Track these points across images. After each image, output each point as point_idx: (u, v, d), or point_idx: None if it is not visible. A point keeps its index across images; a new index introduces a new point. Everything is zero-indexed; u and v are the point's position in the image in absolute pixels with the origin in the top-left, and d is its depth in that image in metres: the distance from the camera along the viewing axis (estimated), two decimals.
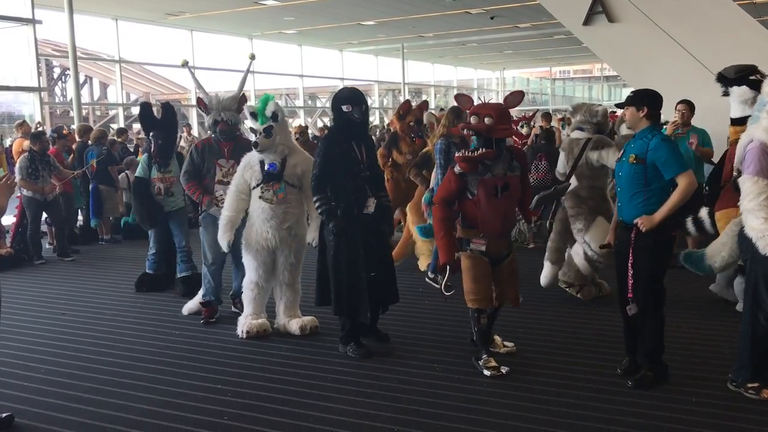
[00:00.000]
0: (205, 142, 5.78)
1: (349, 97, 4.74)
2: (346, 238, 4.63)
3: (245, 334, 5.21)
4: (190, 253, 6.66)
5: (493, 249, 4.37)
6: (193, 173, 5.63)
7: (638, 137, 4.04)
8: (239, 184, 5.17)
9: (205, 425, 3.79)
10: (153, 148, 6.49)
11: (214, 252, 5.65)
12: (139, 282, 6.84)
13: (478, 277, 4.35)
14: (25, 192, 8.35)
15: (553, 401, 3.95)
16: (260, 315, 5.33)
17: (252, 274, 5.28)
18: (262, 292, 5.34)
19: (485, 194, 4.22)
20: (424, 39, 23.25)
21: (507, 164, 4.31)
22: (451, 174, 4.33)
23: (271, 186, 5.09)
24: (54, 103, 25.10)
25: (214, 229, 5.41)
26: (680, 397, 3.95)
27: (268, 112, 5.07)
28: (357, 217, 4.67)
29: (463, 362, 4.57)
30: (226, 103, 5.63)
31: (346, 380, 4.37)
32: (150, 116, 6.61)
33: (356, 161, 4.72)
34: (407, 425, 3.72)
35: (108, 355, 4.96)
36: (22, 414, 3.97)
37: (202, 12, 16.80)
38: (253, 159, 5.16)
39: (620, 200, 4.14)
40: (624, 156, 4.07)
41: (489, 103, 4.41)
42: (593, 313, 5.61)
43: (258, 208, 5.13)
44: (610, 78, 37.19)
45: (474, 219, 4.31)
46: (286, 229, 5.15)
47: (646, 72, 9.25)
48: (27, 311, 6.20)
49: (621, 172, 4.10)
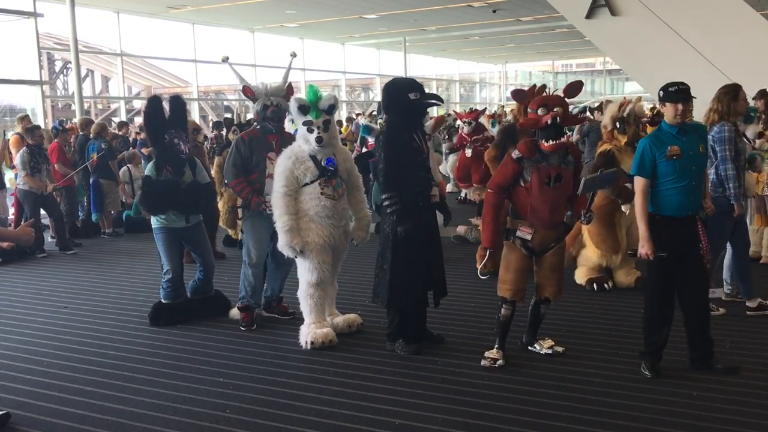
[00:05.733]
0: (251, 134, 5.33)
1: (413, 84, 4.68)
2: (410, 232, 4.56)
3: (309, 345, 4.81)
4: (213, 275, 5.88)
5: (538, 240, 4.38)
6: (241, 167, 5.21)
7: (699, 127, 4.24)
8: (290, 183, 4.77)
9: (208, 418, 3.80)
10: (158, 153, 5.52)
11: (258, 251, 5.32)
12: (154, 314, 5.55)
13: (513, 269, 4.39)
14: (21, 186, 8.34)
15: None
16: (324, 323, 4.96)
17: (312, 277, 4.86)
18: (324, 296, 4.96)
19: (538, 182, 4.26)
20: (426, 32, 23.16)
21: (562, 157, 4.35)
22: (509, 159, 4.37)
23: (329, 182, 4.83)
24: (56, 97, 25.06)
25: (260, 227, 5.23)
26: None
27: (325, 105, 4.82)
28: (422, 208, 4.65)
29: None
30: (274, 90, 5.30)
31: (359, 375, 4.38)
32: (161, 114, 5.51)
33: (420, 151, 4.70)
34: (413, 420, 3.73)
35: (111, 348, 4.97)
36: (25, 407, 3.99)
37: (204, 5, 16.74)
38: (301, 154, 4.82)
39: (692, 194, 4.11)
40: (690, 149, 4.07)
41: (553, 95, 4.44)
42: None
43: (317, 205, 4.79)
44: (613, 71, 37.06)
45: (524, 207, 4.35)
46: (344, 225, 4.95)
47: (648, 65, 9.24)
48: (29, 304, 6.21)
49: (695, 166, 4.11)
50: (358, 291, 6.06)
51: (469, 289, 6.18)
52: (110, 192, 9.71)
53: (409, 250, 4.59)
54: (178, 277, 5.63)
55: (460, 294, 6.04)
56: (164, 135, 5.42)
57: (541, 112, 4.25)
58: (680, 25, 9.12)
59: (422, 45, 26.89)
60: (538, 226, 4.33)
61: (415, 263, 4.63)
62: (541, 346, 4.64)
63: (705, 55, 8.84)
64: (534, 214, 4.32)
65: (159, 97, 5.73)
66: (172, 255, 5.58)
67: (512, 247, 4.41)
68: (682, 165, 4.03)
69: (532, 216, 4.32)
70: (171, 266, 5.57)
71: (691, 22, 9.13)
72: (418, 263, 4.64)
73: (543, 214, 4.31)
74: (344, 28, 21.69)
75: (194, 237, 5.69)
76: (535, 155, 4.28)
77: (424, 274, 4.68)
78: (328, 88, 25.87)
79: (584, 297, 5.84)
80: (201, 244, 5.76)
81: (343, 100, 26.32)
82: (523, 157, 4.29)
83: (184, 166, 5.54)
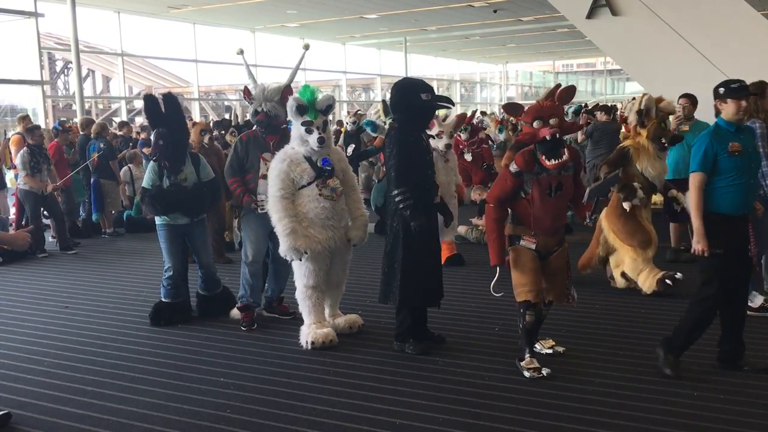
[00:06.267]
0: (250, 134, 5.37)
1: (425, 85, 4.68)
2: (424, 227, 4.55)
3: (310, 345, 4.80)
4: (214, 272, 5.88)
5: (542, 244, 4.30)
6: (237, 168, 5.27)
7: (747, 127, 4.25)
8: (286, 186, 4.73)
9: (209, 418, 3.79)
10: (156, 150, 5.50)
11: (255, 249, 5.34)
12: (155, 314, 5.55)
13: (526, 269, 4.26)
14: (21, 186, 8.35)
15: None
16: (324, 323, 4.96)
17: (309, 279, 4.87)
18: (322, 297, 4.97)
19: (540, 193, 4.17)
20: (427, 32, 23.16)
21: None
22: (507, 172, 4.27)
23: (326, 183, 4.81)
24: (56, 97, 25.08)
25: (257, 225, 5.25)
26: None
27: (322, 105, 4.80)
28: (429, 207, 4.66)
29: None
30: (268, 94, 5.20)
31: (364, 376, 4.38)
32: (157, 111, 5.53)
33: (427, 151, 4.72)
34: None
35: (111, 348, 4.97)
36: (26, 407, 3.99)
37: (205, 5, 16.75)
38: (296, 156, 4.79)
39: (749, 192, 4.10)
40: (748, 146, 4.07)
41: (546, 104, 4.20)
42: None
43: (316, 207, 4.75)
44: (614, 72, 37.07)
45: (526, 217, 4.26)
46: (344, 226, 4.91)
47: (649, 65, 9.24)
48: (30, 304, 6.22)
49: (753, 163, 4.11)
50: (357, 291, 6.05)
51: (469, 289, 6.18)
52: (111, 192, 9.71)
53: (421, 248, 4.59)
54: (178, 275, 5.62)
55: (461, 294, 6.04)
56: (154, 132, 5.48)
57: (537, 125, 4.11)
58: (681, 25, 9.12)
59: (423, 45, 26.90)
60: (541, 234, 4.27)
61: (427, 261, 4.63)
62: (542, 346, 4.62)
63: (706, 55, 8.83)
64: (537, 224, 4.25)
65: (152, 95, 5.69)
66: (173, 252, 5.57)
67: (520, 249, 4.30)
68: (742, 162, 4.00)
69: (535, 226, 4.25)
70: (172, 263, 5.57)
71: (691, 22, 9.12)
72: (430, 261, 4.65)
73: (546, 223, 4.25)
74: (345, 28, 21.70)
75: (195, 234, 5.69)
76: (534, 168, 4.16)
77: (436, 272, 4.69)
78: (328, 88, 25.91)
79: (585, 297, 5.83)
80: (199, 242, 5.74)
81: (344, 100, 26.32)
82: (522, 171, 4.21)
83: (182, 163, 5.53)
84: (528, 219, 4.26)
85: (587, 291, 6.03)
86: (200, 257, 5.77)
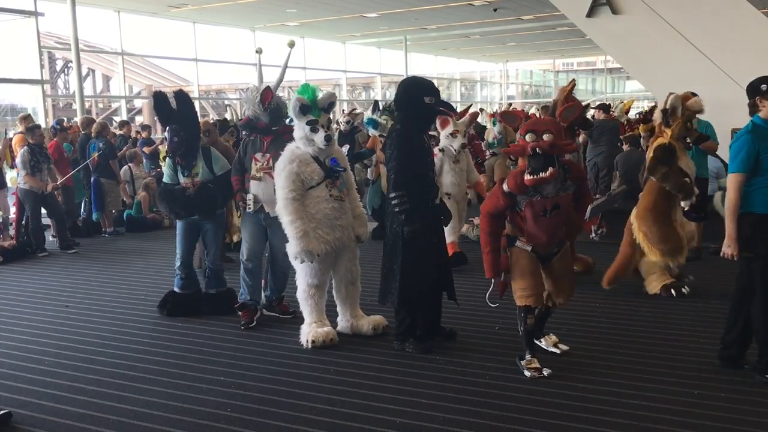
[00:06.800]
0: (252, 135, 5.40)
1: (429, 87, 4.64)
2: (419, 231, 4.54)
3: (310, 344, 4.77)
4: (221, 270, 5.93)
5: (541, 249, 4.20)
6: (239, 167, 5.40)
7: None
8: (297, 188, 4.66)
9: (210, 417, 3.80)
10: (170, 147, 5.61)
11: (251, 246, 5.37)
12: (162, 301, 5.81)
13: (526, 273, 4.15)
14: (21, 185, 8.35)
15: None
16: (324, 322, 4.94)
17: (311, 278, 4.85)
18: (324, 296, 4.97)
19: (532, 214, 4.05)
20: (427, 31, 23.13)
21: (560, 183, 4.05)
22: (499, 190, 4.10)
23: (335, 182, 4.78)
24: (57, 96, 25.08)
25: (252, 223, 5.29)
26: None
27: (324, 103, 4.77)
28: (430, 209, 4.65)
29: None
30: (247, 97, 5.31)
31: (363, 375, 4.38)
32: (166, 108, 5.57)
33: (429, 153, 4.71)
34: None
35: (111, 347, 4.97)
36: (27, 406, 3.99)
37: (205, 4, 16.73)
38: (304, 156, 4.73)
39: None
40: None
41: (545, 119, 4.11)
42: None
43: (326, 208, 4.71)
44: (614, 70, 37.02)
45: (521, 229, 4.17)
46: (349, 224, 4.89)
47: (649, 64, 9.23)
48: (30, 303, 6.22)
49: None
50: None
51: (470, 289, 6.18)
52: (111, 191, 9.72)
53: (420, 250, 4.58)
54: (187, 265, 5.78)
55: (462, 293, 6.01)
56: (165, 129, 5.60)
57: (529, 138, 3.95)
58: (682, 23, 9.11)
59: (423, 44, 26.87)
60: (537, 247, 4.18)
61: (427, 263, 4.62)
62: (546, 343, 4.61)
63: (706, 53, 8.82)
64: (531, 239, 4.15)
65: (161, 92, 5.68)
66: (182, 242, 5.77)
67: (518, 251, 4.21)
68: None
69: (530, 240, 4.16)
70: (180, 253, 5.76)
71: (692, 21, 9.11)
72: (429, 263, 4.64)
73: (541, 240, 4.14)
74: (345, 26, 21.67)
75: (208, 229, 5.77)
76: (528, 191, 4.00)
77: (435, 273, 4.68)
78: (329, 87, 25.89)
79: (585, 297, 5.83)
80: (209, 236, 5.80)
81: (344, 98, 26.31)
82: (514, 193, 4.05)
83: (194, 158, 5.62)
84: (522, 231, 4.18)
85: (587, 291, 6.02)
86: (209, 251, 5.85)
